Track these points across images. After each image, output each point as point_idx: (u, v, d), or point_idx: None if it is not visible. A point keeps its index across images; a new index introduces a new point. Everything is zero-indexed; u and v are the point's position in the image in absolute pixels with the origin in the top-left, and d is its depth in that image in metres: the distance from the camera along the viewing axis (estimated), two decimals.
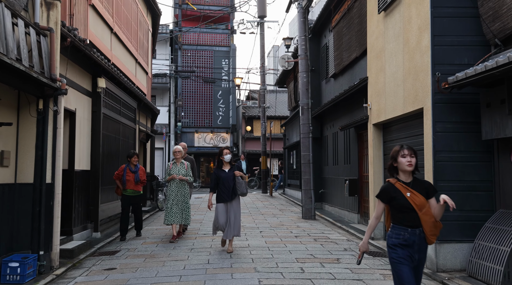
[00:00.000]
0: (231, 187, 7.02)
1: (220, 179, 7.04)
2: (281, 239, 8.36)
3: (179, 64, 28.71)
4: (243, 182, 7.04)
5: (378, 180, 8.40)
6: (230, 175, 7.09)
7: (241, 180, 7.03)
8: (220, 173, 7.08)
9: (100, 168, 8.63)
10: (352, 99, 10.54)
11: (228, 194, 7.03)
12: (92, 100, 8.64)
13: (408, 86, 6.79)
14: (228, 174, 7.10)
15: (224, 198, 7.07)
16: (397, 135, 7.75)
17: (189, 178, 8.14)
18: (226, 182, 7.03)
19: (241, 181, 7.02)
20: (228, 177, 7.07)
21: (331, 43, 12.77)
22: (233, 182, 7.02)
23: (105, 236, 8.60)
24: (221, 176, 7.04)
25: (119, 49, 11.08)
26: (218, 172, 7.12)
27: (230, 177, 7.07)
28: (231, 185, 7.02)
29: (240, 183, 7.00)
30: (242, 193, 7.08)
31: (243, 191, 7.08)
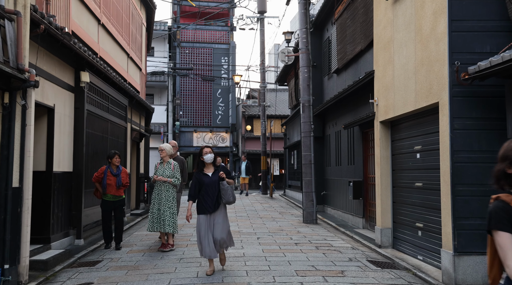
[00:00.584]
0: (215, 195, 5.69)
1: (203, 185, 5.71)
2: (280, 246, 7.66)
3: (178, 61, 28.03)
4: (229, 188, 5.73)
5: (385, 183, 7.70)
6: (214, 180, 5.75)
7: (227, 186, 5.74)
8: (203, 178, 5.75)
9: (83, 169, 7.94)
10: (357, 96, 9.84)
11: (211, 203, 5.67)
12: (75, 96, 7.95)
13: (421, 79, 6.09)
14: (212, 178, 5.75)
15: (205, 208, 5.69)
16: (407, 134, 7.05)
17: (173, 180, 7.25)
18: (210, 188, 5.68)
19: (226, 186, 5.72)
20: (212, 182, 5.72)
21: (333, 37, 12.07)
22: (218, 188, 5.70)
23: (89, 243, 7.91)
24: (204, 182, 5.71)
25: (108, 43, 10.41)
26: (199, 176, 5.76)
27: (215, 183, 5.73)
28: (215, 192, 5.69)
29: (225, 189, 5.69)
30: (227, 201, 5.75)
31: (229, 199, 5.73)
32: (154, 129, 27.02)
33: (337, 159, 12.03)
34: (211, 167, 5.85)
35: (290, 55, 12.04)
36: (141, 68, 14.27)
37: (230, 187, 5.75)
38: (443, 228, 5.47)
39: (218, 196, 5.70)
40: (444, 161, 5.45)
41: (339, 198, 11.69)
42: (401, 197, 7.31)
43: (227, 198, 5.74)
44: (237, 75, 21.91)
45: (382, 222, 7.66)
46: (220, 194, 5.72)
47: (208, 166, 5.83)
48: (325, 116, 13.50)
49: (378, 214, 7.80)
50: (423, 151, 6.45)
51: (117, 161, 7.51)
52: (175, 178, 7.31)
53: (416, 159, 6.70)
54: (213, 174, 5.82)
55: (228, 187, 5.73)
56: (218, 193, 5.71)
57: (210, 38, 28.76)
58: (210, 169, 5.85)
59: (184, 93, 28.48)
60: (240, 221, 10.96)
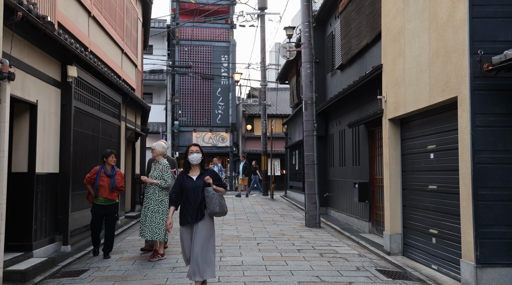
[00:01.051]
0: (198, 203, 4.64)
1: (184, 190, 4.73)
2: (281, 253, 7.12)
3: (177, 59, 27.50)
4: (215, 196, 4.64)
5: (395, 185, 7.16)
6: (198, 185, 4.70)
7: (213, 192, 4.65)
8: (185, 181, 4.74)
9: (71, 170, 7.41)
10: (363, 92, 9.30)
11: (192, 211, 4.63)
12: (61, 91, 7.42)
13: (436, 71, 5.55)
14: (196, 183, 4.72)
15: (186, 219, 4.65)
16: (419, 132, 6.50)
17: (160, 182, 6.56)
18: (192, 194, 4.68)
19: (212, 193, 4.64)
20: (195, 187, 4.69)
21: (337, 31, 11.53)
22: (202, 195, 4.67)
23: (76, 250, 7.38)
24: (186, 186, 4.71)
25: (100, 37, 9.87)
26: (182, 178, 4.78)
27: (198, 188, 4.68)
28: (197, 199, 4.65)
29: (209, 197, 4.62)
30: (212, 212, 4.64)
31: (214, 209, 4.61)
32: (153, 129, 26.50)
33: (341, 159, 11.49)
34: (197, 169, 4.83)
35: (292, 50, 11.50)
36: (137, 65, 13.73)
37: (217, 195, 4.67)
38: (463, 236, 4.93)
39: (201, 204, 4.65)
40: (464, 162, 4.91)
41: (344, 200, 11.15)
42: (412, 201, 6.76)
43: (212, 208, 4.62)
44: (237, 73, 21.38)
45: (391, 227, 7.12)
46: (204, 202, 4.68)
47: (194, 168, 4.82)
48: (328, 114, 12.96)
49: (387, 219, 7.26)
50: (438, 151, 5.91)
51: (113, 160, 6.87)
52: (162, 179, 6.59)
53: (429, 160, 6.16)
54: (198, 177, 4.78)
55: (215, 195, 4.66)
56: (201, 201, 4.66)
57: (210, 36, 28.22)
58: (195, 172, 4.83)
59: (183, 92, 27.95)
60: (239, 225, 10.43)
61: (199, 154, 4.77)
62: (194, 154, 4.76)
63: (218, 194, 4.71)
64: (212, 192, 4.67)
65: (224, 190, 4.81)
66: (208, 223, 4.70)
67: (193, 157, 4.75)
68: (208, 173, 4.83)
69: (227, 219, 11.35)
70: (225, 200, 4.78)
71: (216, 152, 27.98)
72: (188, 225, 4.67)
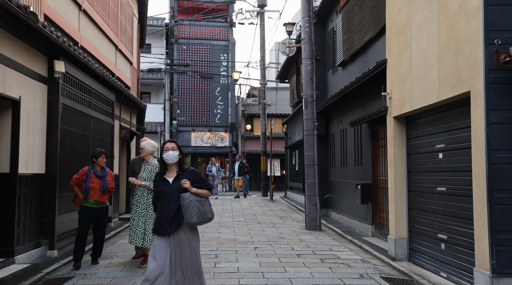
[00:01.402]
0: (174, 210, 3.92)
1: (160, 193, 4.03)
2: (280, 259, 6.73)
3: (175, 58, 27.12)
4: (192, 204, 3.88)
5: (400, 186, 6.77)
6: (174, 189, 3.97)
7: (189, 200, 3.88)
8: (160, 184, 4.04)
9: (58, 171, 7.02)
10: (365, 89, 8.91)
11: (167, 221, 3.91)
12: (48, 88, 7.03)
13: (446, 65, 5.16)
14: (172, 186, 3.99)
15: (160, 228, 3.94)
16: (426, 131, 6.11)
17: (149, 184, 6.05)
18: (167, 200, 3.95)
19: (188, 201, 3.88)
20: (171, 192, 3.97)
21: (339, 27, 11.14)
22: (179, 201, 3.96)
23: (64, 255, 6.98)
24: (162, 190, 4.01)
25: (92, 32, 9.48)
26: (158, 182, 4.09)
27: (175, 193, 3.96)
28: (173, 207, 3.93)
29: (186, 205, 3.88)
30: (189, 223, 3.90)
31: (191, 219, 3.86)
32: (151, 128, 26.12)
33: (342, 159, 11.09)
34: (174, 170, 4.08)
35: (292, 47, 11.10)
36: (132, 62, 13.34)
37: (195, 202, 3.90)
38: (476, 242, 4.54)
39: (178, 212, 3.91)
40: (478, 162, 4.52)
41: (345, 201, 10.75)
42: (419, 203, 6.37)
43: (188, 218, 3.86)
44: (236, 72, 20.97)
45: (397, 231, 6.72)
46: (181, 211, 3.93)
47: (171, 169, 4.09)
48: (329, 113, 12.57)
49: (392, 222, 6.87)
50: (447, 150, 5.51)
51: (103, 161, 6.36)
52: (151, 181, 6.06)
53: (438, 160, 5.77)
54: (174, 180, 4.02)
55: (191, 202, 3.87)
56: (179, 208, 3.92)
57: (209, 35, 27.85)
58: (172, 173, 4.08)
59: (182, 91, 27.57)
60: (237, 227, 10.04)
61: (175, 151, 4.03)
62: (169, 151, 4.02)
63: (197, 199, 3.93)
64: (188, 199, 3.89)
65: (209, 193, 4.08)
66: (188, 231, 3.98)
67: (168, 155, 4.01)
68: (187, 174, 4.05)
69: (225, 221, 10.97)
70: (210, 204, 4.05)
71: (215, 152, 27.61)
72: (163, 236, 3.93)
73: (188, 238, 3.99)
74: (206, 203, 4.01)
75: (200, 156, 29.39)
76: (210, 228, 9.84)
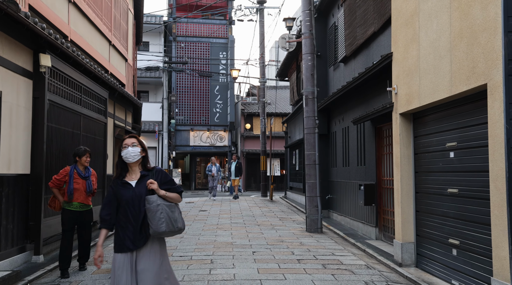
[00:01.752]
0: (141, 220, 3.22)
1: (121, 201, 3.27)
2: (279, 265, 6.33)
3: (173, 56, 26.72)
4: (159, 208, 3.17)
5: (407, 187, 6.37)
6: (139, 194, 3.25)
7: (156, 203, 3.18)
8: (121, 190, 3.28)
9: (44, 171, 6.62)
10: (369, 85, 8.52)
11: (131, 233, 3.21)
12: (33, 83, 6.63)
13: (459, 56, 4.75)
14: (136, 191, 3.26)
15: (124, 243, 3.21)
16: (436, 128, 5.71)
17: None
18: (131, 207, 3.23)
19: (155, 205, 3.17)
20: (135, 197, 3.24)
21: (340, 22, 10.73)
22: (144, 208, 3.22)
23: (50, 260, 6.59)
24: (123, 196, 3.26)
25: (83, 26, 9.08)
26: (116, 187, 3.31)
27: (140, 198, 3.24)
28: (139, 215, 3.22)
29: (152, 210, 3.17)
30: (156, 232, 3.17)
31: (159, 227, 3.15)
32: (149, 127, 25.73)
33: (344, 159, 10.69)
34: (137, 171, 3.35)
35: (292, 41, 10.69)
36: (127, 58, 12.94)
37: (164, 206, 3.18)
38: (494, 250, 4.14)
39: (145, 221, 3.21)
40: (496, 161, 4.12)
41: (347, 203, 10.35)
42: (427, 205, 5.97)
43: (156, 226, 3.14)
44: (235, 70, 20.56)
45: (403, 235, 6.32)
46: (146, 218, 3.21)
47: (133, 169, 3.35)
48: (330, 111, 12.17)
49: (398, 225, 6.47)
50: (460, 149, 5.12)
51: (87, 160, 5.95)
52: None
53: (448, 159, 5.37)
54: (138, 183, 3.30)
55: (160, 206, 3.17)
56: (145, 217, 3.21)
57: (208, 32, 27.46)
58: (134, 175, 3.35)
59: (180, 90, 27.19)
60: (235, 229, 9.65)
61: (136, 147, 3.29)
62: (128, 148, 3.27)
63: (166, 204, 3.21)
64: (155, 202, 3.16)
65: (179, 197, 3.35)
66: (157, 247, 3.26)
67: (127, 152, 3.26)
68: (152, 174, 3.34)
69: (222, 223, 10.58)
70: (180, 212, 3.34)
71: (214, 151, 27.22)
72: (127, 253, 3.18)
73: (157, 254, 3.25)
74: (177, 210, 3.29)
75: (199, 155, 29.01)
76: (206, 231, 9.45)
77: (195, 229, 9.66)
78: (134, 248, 3.20)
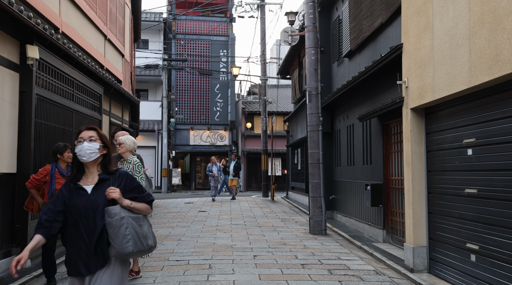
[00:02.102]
0: (96, 236, 2.53)
1: (72, 211, 2.56)
2: (282, 270, 5.92)
3: (173, 53, 26.31)
4: (124, 222, 2.50)
5: (418, 187, 5.95)
6: (95, 202, 2.57)
7: (120, 216, 2.51)
8: (73, 196, 2.59)
9: (32, 170, 6.21)
10: (376, 80, 8.10)
11: (85, 253, 2.52)
12: (20, 76, 6.23)
13: (480, 43, 4.34)
14: (91, 198, 2.58)
15: (76, 266, 2.52)
16: (451, 123, 5.29)
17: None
18: (85, 219, 2.54)
19: (117, 218, 2.50)
20: (89, 207, 2.55)
21: (345, 15, 10.31)
22: (103, 221, 2.53)
23: (39, 265, 6.12)
24: (74, 204, 2.57)
25: (76, 18, 8.68)
26: (68, 190, 2.62)
27: (96, 208, 2.55)
28: (95, 229, 2.54)
29: (114, 225, 2.49)
30: (121, 253, 2.51)
31: (124, 247, 2.48)
32: (148, 126, 25.34)
33: (349, 157, 10.27)
34: (94, 173, 2.66)
35: (295, 35, 10.27)
36: (124, 54, 12.54)
37: (130, 220, 2.52)
38: None
39: (102, 238, 2.53)
40: None
41: (352, 203, 9.93)
42: (441, 207, 5.55)
43: (120, 246, 2.48)
44: (235, 67, 20.13)
45: (415, 239, 5.90)
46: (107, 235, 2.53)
47: (90, 171, 2.65)
48: (334, 108, 11.75)
49: (409, 228, 6.05)
50: (479, 146, 4.70)
51: (69, 156, 5.36)
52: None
53: (466, 157, 4.95)
54: (95, 189, 2.61)
55: (125, 219, 2.50)
56: (102, 232, 2.53)
57: (208, 30, 27.05)
58: (91, 177, 2.65)
59: (180, 89, 26.78)
60: (235, 231, 9.23)
61: (94, 143, 2.59)
62: (84, 143, 2.57)
63: (132, 216, 2.53)
64: (118, 214, 2.48)
65: (148, 208, 2.68)
66: (118, 272, 2.58)
67: (82, 149, 2.56)
68: (115, 178, 2.63)
69: (222, 225, 10.16)
70: (150, 225, 2.69)
71: (215, 150, 26.82)
72: (80, 278, 2.55)
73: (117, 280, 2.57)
74: (146, 223, 2.61)
75: (199, 154, 28.62)
76: (205, 233, 9.04)
77: (194, 231, 9.25)
78: (86, 273, 2.50)
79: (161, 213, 12.56)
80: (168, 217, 11.76)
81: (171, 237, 8.55)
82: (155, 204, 15.33)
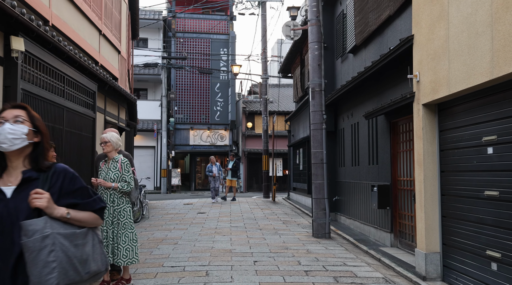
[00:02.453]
0: (14, 258, 1.71)
1: None
2: (284, 277, 5.50)
3: (173, 51, 25.92)
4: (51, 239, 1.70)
5: (431, 189, 5.53)
6: (15, 210, 1.75)
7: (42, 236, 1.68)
8: None
9: None
10: (383, 75, 7.69)
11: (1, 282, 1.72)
12: (3, 69, 5.82)
13: (504, 30, 3.92)
14: (10, 205, 1.77)
15: None
16: (468, 120, 4.87)
17: (121, 185, 4.84)
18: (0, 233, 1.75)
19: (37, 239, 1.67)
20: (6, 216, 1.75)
21: (350, 8, 9.90)
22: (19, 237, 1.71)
23: None
24: None
25: (68, 11, 8.27)
26: None
27: (16, 217, 1.74)
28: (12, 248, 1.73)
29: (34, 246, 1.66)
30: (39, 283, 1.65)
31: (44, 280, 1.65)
32: (147, 126, 24.95)
33: (353, 157, 9.85)
34: (18, 168, 1.86)
35: (297, 29, 9.86)
36: (120, 50, 12.13)
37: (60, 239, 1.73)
38: None
39: (20, 262, 1.72)
40: None
41: (357, 205, 9.51)
42: (456, 210, 5.14)
43: (37, 277, 1.66)
44: (236, 66, 19.72)
45: (427, 244, 5.49)
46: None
47: (13, 166, 1.87)
48: (337, 106, 11.33)
49: (421, 232, 5.63)
50: (501, 144, 4.28)
51: (53, 155, 5.11)
52: (123, 181, 4.89)
53: (486, 156, 4.54)
54: (17, 191, 1.82)
55: (51, 239, 1.70)
56: (21, 254, 1.71)
57: (208, 28, 26.65)
58: (14, 176, 1.85)
59: (180, 88, 26.39)
60: (235, 234, 8.82)
61: (20, 125, 1.84)
62: (5, 124, 1.82)
63: (65, 233, 1.75)
64: (39, 232, 1.69)
65: (96, 218, 1.91)
66: None
67: (2, 132, 1.80)
68: (47, 177, 1.87)
69: (221, 227, 9.75)
70: (99, 242, 1.91)
71: (215, 150, 26.42)
72: None
73: None
74: (89, 241, 1.84)
75: (199, 154, 28.21)
76: (204, 236, 8.63)
77: (191, 234, 8.84)
78: None
79: (159, 215, 12.16)
80: (165, 218, 11.36)
81: (168, 240, 8.14)
82: (153, 205, 14.92)
